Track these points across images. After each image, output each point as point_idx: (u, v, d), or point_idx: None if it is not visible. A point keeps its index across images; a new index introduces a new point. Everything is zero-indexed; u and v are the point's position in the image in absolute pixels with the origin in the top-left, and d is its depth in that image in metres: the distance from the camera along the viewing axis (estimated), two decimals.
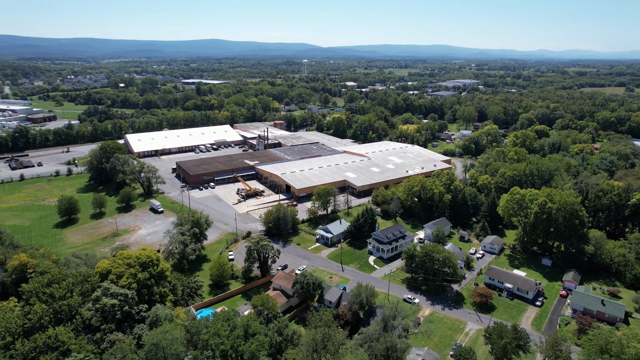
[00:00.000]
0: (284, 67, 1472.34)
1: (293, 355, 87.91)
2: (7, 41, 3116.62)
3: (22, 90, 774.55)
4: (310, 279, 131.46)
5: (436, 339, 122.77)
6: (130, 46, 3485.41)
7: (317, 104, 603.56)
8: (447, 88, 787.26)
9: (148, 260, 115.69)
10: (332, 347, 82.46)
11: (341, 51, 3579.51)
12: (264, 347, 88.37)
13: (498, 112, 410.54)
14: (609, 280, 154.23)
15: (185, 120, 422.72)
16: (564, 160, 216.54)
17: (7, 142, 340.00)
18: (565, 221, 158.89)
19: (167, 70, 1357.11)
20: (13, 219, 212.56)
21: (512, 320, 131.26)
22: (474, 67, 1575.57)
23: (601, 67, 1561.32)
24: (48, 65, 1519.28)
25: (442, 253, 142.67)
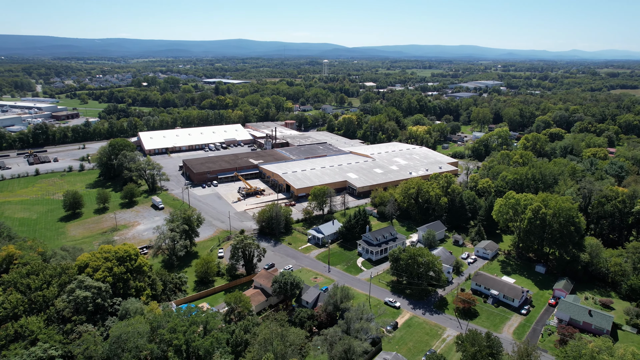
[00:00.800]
0: (307, 67, 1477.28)
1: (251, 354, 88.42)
2: (45, 42, 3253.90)
3: (52, 88, 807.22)
4: (288, 279, 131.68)
5: (411, 343, 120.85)
6: (159, 46, 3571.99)
7: (332, 104, 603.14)
8: (467, 89, 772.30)
9: (126, 255, 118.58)
10: (282, 346, 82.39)
11: (366, 51, 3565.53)
12: (221, 344, 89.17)
13: (513, 114, 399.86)
14: (604, 290, 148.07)
15: (199, 119, 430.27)
16: (569, 165, 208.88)
17: (29, 138, 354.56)
18: (561, 227, 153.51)
19: (192, 69, 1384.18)
20: (22, 211, 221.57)
21: (494, 328, 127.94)
22: (500, 68, 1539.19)
23: (636, 68, 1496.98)
24: (80, 65, 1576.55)
25: (426, 257, 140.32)
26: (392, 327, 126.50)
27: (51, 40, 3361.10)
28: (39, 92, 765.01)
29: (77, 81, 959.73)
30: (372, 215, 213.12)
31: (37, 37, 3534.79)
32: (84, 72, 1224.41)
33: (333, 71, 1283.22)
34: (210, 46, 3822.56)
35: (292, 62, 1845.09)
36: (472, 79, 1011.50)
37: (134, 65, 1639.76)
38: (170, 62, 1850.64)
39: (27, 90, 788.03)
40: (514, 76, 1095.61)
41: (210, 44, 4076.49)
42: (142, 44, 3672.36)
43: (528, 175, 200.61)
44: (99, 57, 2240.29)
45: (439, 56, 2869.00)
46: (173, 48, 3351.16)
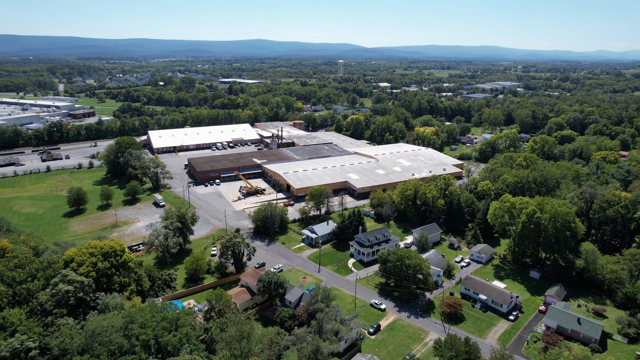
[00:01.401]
0: (323, 68, 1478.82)
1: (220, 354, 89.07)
2: (71, 42, 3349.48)
3: (73, 87, 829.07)
4: (273, 278, 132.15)
5: (391, 346, 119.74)
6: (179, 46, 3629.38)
7: (344, 105, 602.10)
8: (483, 90, 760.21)
9: (111, 251, 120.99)
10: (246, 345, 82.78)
11: (385, 52, 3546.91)
12: (190, 341, 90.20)
13: (525, 115, 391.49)
14: (600, 297, 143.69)
15: (209, 118, 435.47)
16: (573, 168, 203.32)
17: (44, 135, 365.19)
18: (556, 232, 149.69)
19: (209, 69, 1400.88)
20: (30, 207, 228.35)
21: (479, 333, 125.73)
22: (520, 69, 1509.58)
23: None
24: (103, 65, 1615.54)
25: (414, 259, 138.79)
26: (375, 329, 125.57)
27: (77, 41, 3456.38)
28: (60, 91, 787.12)
29: (98, 80, 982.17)
30: (369, 217, 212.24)
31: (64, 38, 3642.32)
32: (105, 71, 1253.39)
33: (349, 71, 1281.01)
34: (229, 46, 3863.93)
35: (310, 63, 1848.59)
36: (489, 80, 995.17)
37: (154, 65, 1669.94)
38: (190, 62, 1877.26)
39: (50, 89, 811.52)
40: (533, 77, 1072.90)
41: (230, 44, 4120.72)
42: (164, 44, 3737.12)
43: (529, 178, 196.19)
44: (121, 57, 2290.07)
45: (458, 57, 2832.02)
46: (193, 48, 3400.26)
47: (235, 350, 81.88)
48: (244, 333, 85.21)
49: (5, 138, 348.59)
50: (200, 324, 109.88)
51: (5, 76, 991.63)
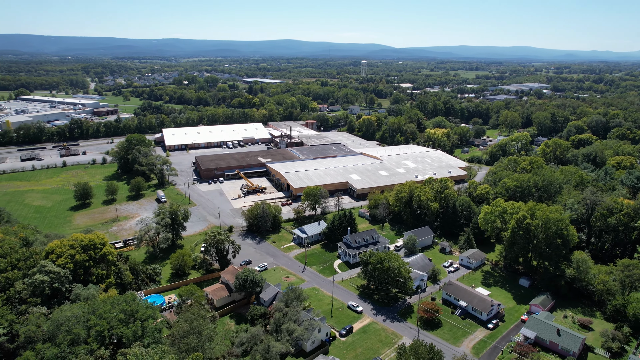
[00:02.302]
0: (349, 68, 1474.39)
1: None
2: (108, 43, 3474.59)
3: (102, 86, 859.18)
4: (249, 276, 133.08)
5: (360, 349, 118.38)
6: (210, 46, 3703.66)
7: (362, 105, 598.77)
8: (508, 92, 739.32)
9: (90, 244, 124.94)
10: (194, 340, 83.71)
11: (414, 52, 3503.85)
12: (147, 334, 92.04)
13: (544, 118, 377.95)
14: (590, 309, 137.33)
15: (224, 117, 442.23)
16: (577, 173, 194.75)
17: (65, 132, 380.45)
18: (548, 239, 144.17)
19: (235, 69, 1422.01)
20: (41, 200, 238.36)
21: (453, 341, 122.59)
22: (553, 70, 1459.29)
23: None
24: (134, 64, 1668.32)
25: (393, 262, 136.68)
26: (347, 331, 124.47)
27: (113, 41, 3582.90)
28: (90, 89, 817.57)
29: (127, 79, 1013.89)
30: (365, 218, 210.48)
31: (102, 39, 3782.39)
32: (135, 70, 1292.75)
33: (374, 72, 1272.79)
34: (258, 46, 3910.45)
35: (336, 63, 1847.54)
36: (516, 82, 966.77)
37: (183, 64, 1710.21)
38: (218, 62, 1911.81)
39: (81, 87, 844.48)
40: (564, 79, 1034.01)
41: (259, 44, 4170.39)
42: (195, 44, 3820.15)
43: (529, 183, 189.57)
44: (153, 56, 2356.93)
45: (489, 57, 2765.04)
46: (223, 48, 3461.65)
47: (182, 345, 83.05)
48: (194, 329, 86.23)
49: (29, 134, 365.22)
50: (167, 319, 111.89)
51: (43, 75, 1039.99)
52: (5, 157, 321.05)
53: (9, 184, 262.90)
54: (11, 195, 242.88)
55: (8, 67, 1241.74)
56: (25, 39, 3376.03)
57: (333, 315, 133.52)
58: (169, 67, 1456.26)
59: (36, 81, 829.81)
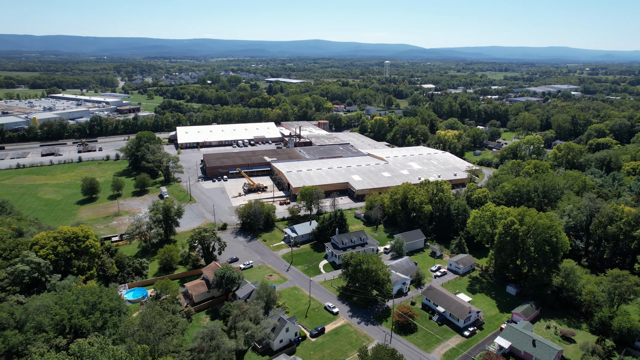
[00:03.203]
0: (375, 68, 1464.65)
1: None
2: (140, 43, 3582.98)
3: (130, 85, 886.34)
4: (226, 273, 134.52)
5: (328, 351, 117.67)
6: (240, 46, 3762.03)
7: (380, 106, 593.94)
8: (534, 93, 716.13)
9: (73, 236, 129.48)
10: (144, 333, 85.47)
11: (443, 53, 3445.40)
12: (108, 325, 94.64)
13: (563, 121, 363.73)
14: (576, 320, 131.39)
15: (239, 116, 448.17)
16: (580, 178, 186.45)
17: (86, 129, 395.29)
18: (537, 246, 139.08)
19: (260, 69, 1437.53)
20: (52, 193, 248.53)
21: (425, 347, 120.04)
22: (587, 71, 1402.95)
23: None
24: (164, 63, 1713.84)
25: (371, 264, 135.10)
26: (318, 332, 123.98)
27: (146, 42, 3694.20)
28: (118, 88, 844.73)
29: (155, 78, 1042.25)
30: (359, 219, 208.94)
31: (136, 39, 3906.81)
32: (163, 70, 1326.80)
33: (399, 72, 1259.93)
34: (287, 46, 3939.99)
35: (362, 63, 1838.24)
36: (545, 83, 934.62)
37: (211, 64, 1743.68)
38: (246, 62, 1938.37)
39: (110, 86, 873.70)
40: (598, 80, 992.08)
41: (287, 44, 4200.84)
42: (224, 44, 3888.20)
43: (529, 187, 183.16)
44: (184, 56, 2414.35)
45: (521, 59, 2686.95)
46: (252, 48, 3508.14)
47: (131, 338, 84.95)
48: (145, 322, 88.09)
49: (52, 130, 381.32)
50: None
51: (77, 74, 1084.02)
52: (27, 152, 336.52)
53: (26, 178, 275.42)
54: (26, 189, 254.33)
55: (47, 67, 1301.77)
56: (65, 40, 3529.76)
57: (308, 316, 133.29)
58: (196, 67, 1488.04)
59: (68, 80, 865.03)
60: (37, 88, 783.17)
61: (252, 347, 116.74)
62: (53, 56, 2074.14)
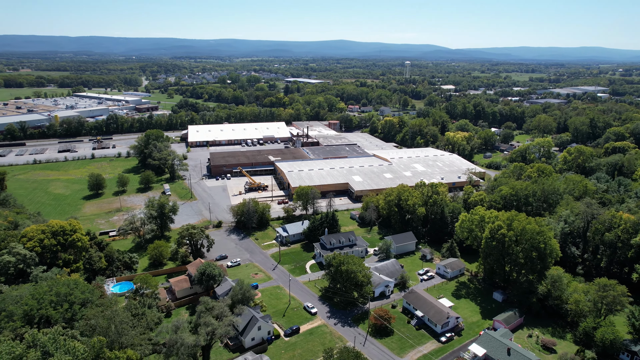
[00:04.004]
0: (396, 69, 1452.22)
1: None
2: (168, 43, 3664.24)
3: (153, 84, 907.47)
4: (207, 270, 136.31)
5: (299, 351, 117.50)
6: (265, 46, 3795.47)
7: (395, 106, 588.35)
8: (558, 95, 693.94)
9: (60, 230, 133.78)
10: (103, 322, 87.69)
11: (470, 53, 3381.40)
12: (76, 317, 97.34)
13: (581, 123, 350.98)
14: (561, 329, 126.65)
15: (252, 116, 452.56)
16: (582, 183, 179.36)
17: (102, 127, 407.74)
18: (524, 252, 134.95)
19: (283, 69, 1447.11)
20: (62, 188, 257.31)
21: (399, 351, 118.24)
22: (620, 72, 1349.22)
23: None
24: (189, 63, 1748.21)
25: (350, 265, 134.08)
26: (292, 331, 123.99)
27: (174, 42, 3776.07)
28: (140, 87, 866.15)
29: (178, 78, 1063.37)
30: (354, 220, 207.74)
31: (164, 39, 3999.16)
32: (187, 69, 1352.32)
33: (421, 73, 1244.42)
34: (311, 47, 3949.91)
35: (385, 64, 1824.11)
36: (571, 85, 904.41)
37: (235, 64, 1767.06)
38: (269, 62, 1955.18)
39: (133, 85, 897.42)
40: (630, 82, 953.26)
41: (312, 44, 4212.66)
42: (250, 44, 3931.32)
43: (526, 191, 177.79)
44: (209, 56, 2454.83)
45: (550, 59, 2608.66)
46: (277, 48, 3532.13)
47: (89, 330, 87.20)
48: (106, 316, 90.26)
49: (71, 128, 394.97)
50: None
51: (105, 74, 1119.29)
52: (46, 148, 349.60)
53: (40, 173, 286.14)
54: (38, 183, 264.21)
55: (78, 67, 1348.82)
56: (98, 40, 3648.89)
57: (286, 315, 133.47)
58: (220, 67, 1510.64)
59: (94, 79, 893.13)
60: (65, 87, 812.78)
61: (225, 344, 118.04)
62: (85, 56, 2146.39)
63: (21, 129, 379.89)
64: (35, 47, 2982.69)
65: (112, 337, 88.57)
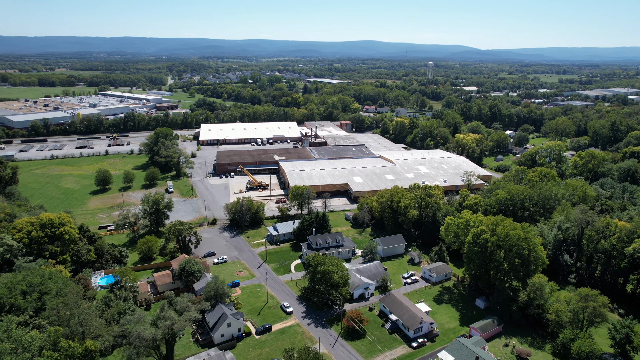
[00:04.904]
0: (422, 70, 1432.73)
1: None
2: (197, 43, 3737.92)
3: (177, 83, 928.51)
4: (187, 266, 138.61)
5: (267, 349, 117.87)
6: (292, 46, 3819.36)
7: (413, 107, 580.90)
8: (586, 97, 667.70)
9: (48, 223, 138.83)
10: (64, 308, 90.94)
11: (500, 54, 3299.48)
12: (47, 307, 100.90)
13: (600, 126, 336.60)
14: (541, 340, 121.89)
15: (265, 115, 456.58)
16: (582, 188, 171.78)
17: (120, 124, 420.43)
18: (508, 259, 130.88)
19: (307, 69, 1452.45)
20: (72, 183, 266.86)
21: (367, 354, 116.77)
22: None
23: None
24: (216, 63, 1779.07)
25: (326, 265, 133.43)
26: (264, 329, 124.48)
27: (203, 42, 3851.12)
28: (164, 86, 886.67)
29: (203, 77, 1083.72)
30: (348, 221, 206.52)
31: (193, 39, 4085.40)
32: (213, 69, 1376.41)
33: (446, 74, 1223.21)
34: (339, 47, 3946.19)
35: (411, 64, 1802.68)
36: (603, 86, 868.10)
37: (260, 64, 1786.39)
38: (295, 62, 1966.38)
39: (158, 84, 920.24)
40: None
41: (340, 44, 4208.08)
42: (277, 45, 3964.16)
43: (521, 196, 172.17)
44: (237, 56, 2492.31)
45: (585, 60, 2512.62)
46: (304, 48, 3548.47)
47: (57, 321, 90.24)
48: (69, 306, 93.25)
49: (91, 125, 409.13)
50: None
51: (134, 73, 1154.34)
52: (64, 144, 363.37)
53: (55, 168, 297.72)
54: (52, 178, 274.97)
55: (109, 66, 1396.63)
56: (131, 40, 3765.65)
57: (262, 313, 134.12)
58: (245, 67, 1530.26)
59: (121, 78, 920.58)
60: (93, 85, 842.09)
61: (195, 339, 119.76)
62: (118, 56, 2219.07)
63: (44, 125, 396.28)
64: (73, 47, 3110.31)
65: (72, 327, 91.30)
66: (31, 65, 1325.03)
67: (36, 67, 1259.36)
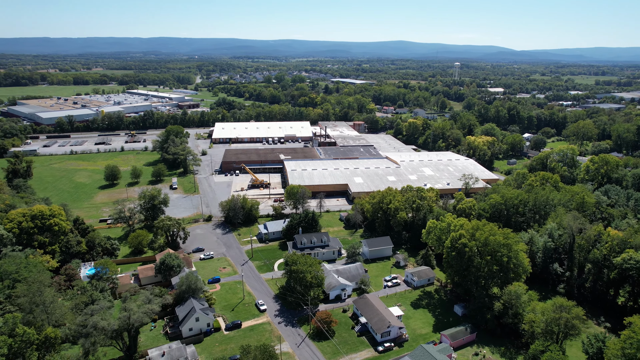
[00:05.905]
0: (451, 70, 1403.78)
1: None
2: (230, 43, 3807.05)
3: (204, 82, 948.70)
4: (166, 260, 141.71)
5: (232, 345, 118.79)
6: (323, 46, 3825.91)
7: (433, 109, 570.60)
8: (621, 100, 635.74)
9: (39, 214, 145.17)
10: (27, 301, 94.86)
11: (536, 55, 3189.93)
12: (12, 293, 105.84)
13: (625, 130, 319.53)
14: (515, 350, 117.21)
15: (280, 114, 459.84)
16: (580, 194, 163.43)
17: (139, 122, 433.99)
18: (487, 265, 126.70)
19: (334, 69, 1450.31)
20: (84, 177, 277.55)
21: (330, 355, 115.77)
22: None
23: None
24: (246, 63, 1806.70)
25: (299, 265, 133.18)
26: (234, 325, 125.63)
27: (236, 42, 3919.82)
28: (190, 86, 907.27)
29: (230, 77, 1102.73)
30: (342, 221, 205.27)
31: (226, 39, 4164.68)
32: (241, 69, 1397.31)
33: (475, 75, 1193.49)
34: (370, 47, 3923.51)
35: (441, 65, 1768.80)
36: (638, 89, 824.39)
37: (289, 64, 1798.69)
38: (323, 62, 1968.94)
39: (184, 83, 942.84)
40: None
41: (371, 45, 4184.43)
42: (308, 45, 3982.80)
43: (515, 201, 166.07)
44: (267, 56, 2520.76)
45: (629, 60, 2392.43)
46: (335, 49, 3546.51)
47: (28, 308, 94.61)
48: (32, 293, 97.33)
49: (112, 122, 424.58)
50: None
51: (165, 72, 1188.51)
52: (85, 141, 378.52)
53: (72, 162, 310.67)
54: (66, 172, 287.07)
55: (142, 66, 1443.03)
56: (165, 41, 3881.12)
57: (235, 310, 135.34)
58: (273, 67, 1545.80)
59: (150, 77, 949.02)
60: (124, 84, 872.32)
61: (165, 332, 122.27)
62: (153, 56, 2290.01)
63: (69, 122, 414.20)
64: (112, 47, 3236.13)
65: (36, 314, 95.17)
66: (71, 64, 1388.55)
67: (75, 67, 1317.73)
